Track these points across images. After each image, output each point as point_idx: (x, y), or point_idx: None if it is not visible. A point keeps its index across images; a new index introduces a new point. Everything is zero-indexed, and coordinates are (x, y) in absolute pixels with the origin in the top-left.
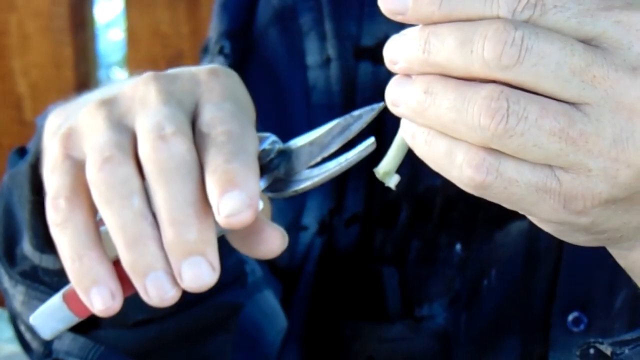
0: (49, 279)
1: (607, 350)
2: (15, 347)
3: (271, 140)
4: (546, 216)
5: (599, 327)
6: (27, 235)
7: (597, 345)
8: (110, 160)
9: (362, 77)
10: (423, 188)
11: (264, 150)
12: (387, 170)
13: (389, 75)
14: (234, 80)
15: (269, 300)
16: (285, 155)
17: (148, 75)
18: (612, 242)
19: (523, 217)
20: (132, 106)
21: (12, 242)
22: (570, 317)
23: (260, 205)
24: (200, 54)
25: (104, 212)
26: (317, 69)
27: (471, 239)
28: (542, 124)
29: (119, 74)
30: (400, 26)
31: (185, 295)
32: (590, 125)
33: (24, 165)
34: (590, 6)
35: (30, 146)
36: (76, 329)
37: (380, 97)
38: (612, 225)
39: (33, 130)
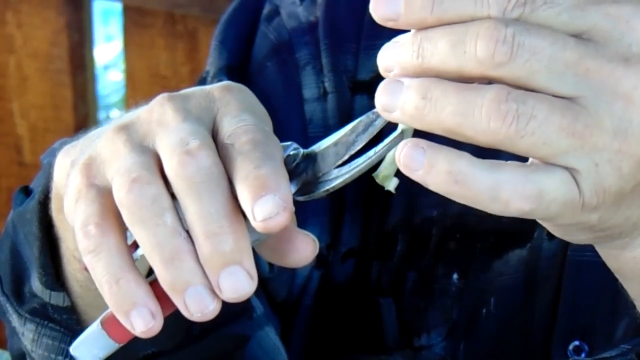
0: (59, 316)
1: None
2: None
3: (294, 147)
4: (566, 221)
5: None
6: (36, 273)
7: None
8: (139, 180)
9: (359, 111)
10: (419, 220)
11: (289, 156)
12: (386, 174)
13: None
14: (247, 93)
15: (270, 337)
16: (311, 158)
17: (162, 96)
18: (610, 239)
19: (522, 246)
20: (151, 128)
21: (20, 281)
22: (571, 346)
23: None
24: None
25: (137, 233)
26: (313, 102)
27: (468, 269)
28: (551, 121)
29: (118, 115)
30: None
31: (193, 328)
32: (590, 118)
33: (32, 203)
34: (580, 0)
35: (35, 185)
36: None
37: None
38: (616, 221)
39: (32, 171)
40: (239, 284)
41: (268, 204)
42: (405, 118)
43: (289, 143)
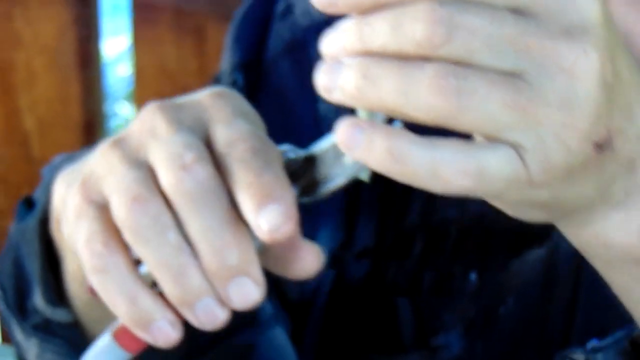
0: (62, 332)
1: (581, 357)
2: None
3: (290, 149)
4: (513, 198)
5: None
6: (38, 289)
7: (571, 354)
8: (138, 199)
9: None
10: (438, 220)
11: (289, 160)
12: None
13: None
14: (238, 99)
15: (279, 337)
16: (311, 161)
17: (151, 106)
18: (565, 215)
19: (540, 245)
20: (142, 140)
21: (23, 295)
22: (589, 346)
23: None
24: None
25: (141, 252)
26: (327, 101)
27: (486, 268)
28: (493, 96)
29: (126, 109)
30: None
31: (199, 341)
32: (533, 93)
33: (33, 222)
34: None
35: (37, 197)
36: None
37: None
38: (569, 197)
39: (40, 166)
40: (248, 294)
41: (273, 214)
42: (345, 98)
43: (285, 147)
